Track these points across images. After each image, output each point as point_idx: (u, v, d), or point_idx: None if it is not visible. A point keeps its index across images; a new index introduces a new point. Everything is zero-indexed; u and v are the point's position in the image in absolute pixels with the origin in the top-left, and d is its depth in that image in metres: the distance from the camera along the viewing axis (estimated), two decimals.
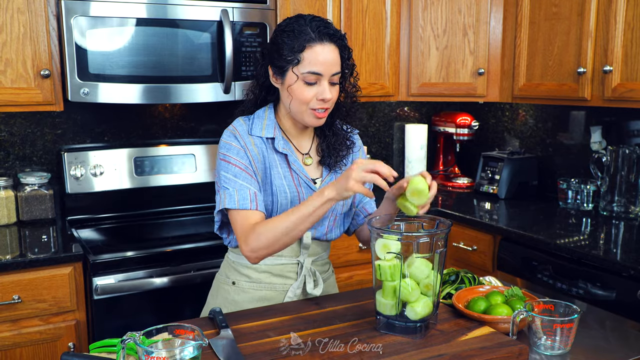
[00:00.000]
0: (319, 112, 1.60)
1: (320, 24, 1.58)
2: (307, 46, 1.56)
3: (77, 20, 2.23)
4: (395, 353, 1.32)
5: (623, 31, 2.33)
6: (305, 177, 1.67)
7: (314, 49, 1.56)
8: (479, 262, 2.61)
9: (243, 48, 2.51)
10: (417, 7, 2.96)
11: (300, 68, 1.56)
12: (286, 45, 1.57)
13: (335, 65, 1.58)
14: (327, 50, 1.57)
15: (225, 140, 1.66)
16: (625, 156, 2.56)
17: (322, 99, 1.58)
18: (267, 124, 1.67)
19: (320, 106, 1.59)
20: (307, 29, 1.56)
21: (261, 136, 1.66)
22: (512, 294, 1.57)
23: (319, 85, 1.58)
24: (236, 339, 1.38)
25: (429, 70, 3.01)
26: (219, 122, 2.98)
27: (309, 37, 1.56)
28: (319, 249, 1.74)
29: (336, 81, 1.61)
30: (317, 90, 1.58)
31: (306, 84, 1.57)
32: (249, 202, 1.58)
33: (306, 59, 1.56)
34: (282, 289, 1.70)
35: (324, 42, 1.56)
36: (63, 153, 2.60)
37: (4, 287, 2.05)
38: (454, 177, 3.41)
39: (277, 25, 1.66)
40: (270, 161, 1.66)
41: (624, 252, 2.15)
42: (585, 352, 1.41)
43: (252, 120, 1.69)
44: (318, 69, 1.56)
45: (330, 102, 1.61)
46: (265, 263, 1.69)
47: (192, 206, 2.84)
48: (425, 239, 1.38)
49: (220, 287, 1.77)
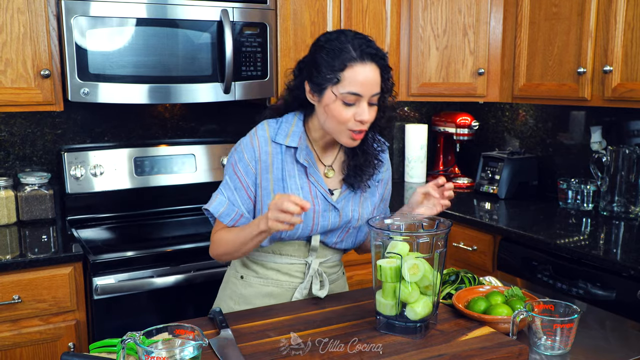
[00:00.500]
0: (356, 134, 1.56)
1: (362, 42, 1.53)
2: (348, 65, 1.50)
3: (77, 20, 2.23)
4: (395, 353, 1.32)
5: (623, 31, 2.33)
6: (322, 189, 1.66)
7: (355, 69, 1.50)
8: (479, 262, 2.61)
9: (243, 48, 2.51)
10: (417, 7, 2.96)
11: (339, 88, 1.51)
12: (326, 63, 1.52)
13: (375, 85, 1.53)
14: (368, 70, 1.51)
15: (243, 147, 1.65)
16: (625, 156, 2.56)
17: (360, 120, 1.53)
18: (293, 131, 1.64)
19: (357, 127, 1.55)
20: (348, 47, 1.51)
21: (284, 144, 1.63)
22: (512, 294, 1.57)
23: (358, 106, 1.53)
24: (236, 339, 1.39)
25: (429, 70, 3.01)
26: (219, 122, 2.98)
27: (350, 55, 1.50)
28: (328, 252, 1.74)
29: (375, 102, 1.56)
30: (355, 111, 1.53)
31: (345, 104, 1.52)
32: (229, 219, 1.64)
33: (346, 78, 1.51)
34: (289, 286, 1.71)
35: (366, 62, 1.51)
36: (63, 153, 2.60)
37: (4, 287, 2.05)
38: (454, 177, 3.41)
39: (317, 39, 1.60)
40: (289, 171, 1.64)
41: (624, 252, 2.15)
42: (585, 352, 1.41)
43: (280, 124, 1.66)
44: (358, 90, 1.51)
45: (368, 123, 1.57)
46: (273, 261, 1.70)
47: (192, 206, 2.84)
48: (425, 239, 1.38)
49: (230, 280, 1.79)
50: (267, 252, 1.71)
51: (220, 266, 2.30)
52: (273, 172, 1.63)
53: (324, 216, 1.65)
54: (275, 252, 1.70)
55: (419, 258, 1.37)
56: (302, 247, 1.69)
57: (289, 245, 1.69)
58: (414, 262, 1.36)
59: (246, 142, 1.66)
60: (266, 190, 1.64)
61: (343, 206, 1.68)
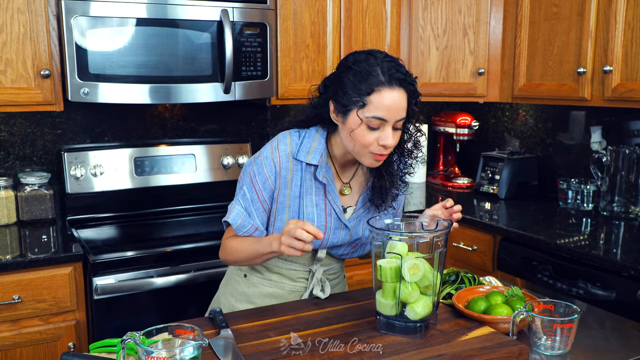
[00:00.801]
0: (378, 156, 1.55)
1: (391, 65, 1.49)
2: (376, 90, 1.47)
3: (77, 20, 2.23)
4: (395, 353, 1.32)
5: (623, 31, 2.33)
6: (337, 207, 1.66)
7: (382, 94, 1.47)
8: (479, 262, 2.61)
9: (243, 48, 2.51)
10: (417, 7, 2.96)
11: (365, 111, 1.48)
12: (353, 85, 1.49)
13: (401, 110, 1.50)
14: (395, 96, 1.48)
15: (263, 160, 1.62)
16: (625, 156, 2.56)
17: (384, 145, 1.51)
18: (315, 148, 1.61)
19: (380, 152, 1.53)
20: (377, 70, 1.48)
21: (305, 162, 1.61)
22: (512, 294, 1.57)
23: (382, 131, 1.50)
24: (236, 339, 1.39)
25: (429, 70, 3.01)
26: (219, 122, 2.98)
27: (378, 80, 1.47)
28: (332, 261, 1.76)
29: (399, 127, 1.53)
30: (379, 135, 1.50)
31: (369, 128, 1.50)
32: (244, 230, 1.64)
33: (373, 102, 1.47)
34: (291, 289, 1.72)
35: (394, 87, 1.48)
36: (63, 153, 2.60)
37: (4, 287, 2.05)
38: (454, 177, 3.41)
39: (344, 58, 1.58)
40: (307, 187, 1.63)
41: (624, 252, 2.15)
42: (585, 352, 1.41)
43: (302, 139, 1.63)
44: (384, 115, 1.48)
45: (391, 148, 1.54)
46: (277, 266, 1.71)
47: (192, 206, 2.84)
48: (425, 239, 1.38)
49: (232, 277, 1.80)
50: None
51: (220, 266, 2.30)
52: (292, 188, 1.62)
53: (335, 233, 1.67)
54: (280, 257, 1.70)
55: (419, 258, 1.37)
56: (308, 256, 1.70)
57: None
58: (414, 262, 1.37)
59: (266, 155, 1.62)
60: (282, 205, 1.63)
61: (355, 225, 1.69)
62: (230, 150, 2.88)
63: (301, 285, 1.72)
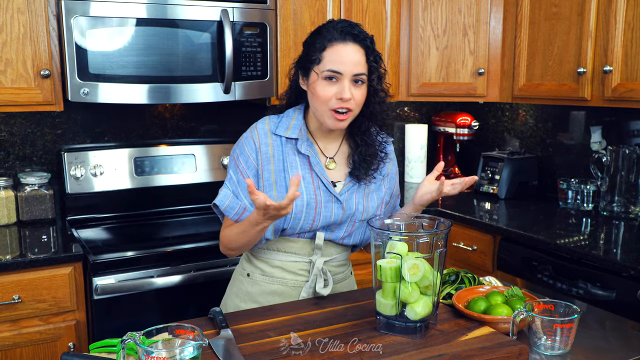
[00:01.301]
0: (339, 114, 1.59)
1: (345, 24, 1.59)
2: (329, 45, 1.57)
3: (77, 20, 2.23)
4: (395, 353, 1.32)
5: (623, 31, 2.33)
6: (325, 180, 1.67)
7: (335, 48, 1.57)
8: (479, 262, 2.61)
9: (243, 48, 2.51)
10: (417, 7, 2.96)
11: (321, 66, 1.58)
12: (311, 46, 1.61)
13: (357, 65, 1.57)
14: (349, 50, 1.57)
15: (243, 142, 1.70)
16: (625, 156, 2.56)
17: (341, 98, 1.57)
18: (294, 124, 1.68)
19: (339, 105, 1.58)
20: (330, 29, 1.59)
21: (285, 136, 1.66)
22: (512, 294, 1.57)
23: (340, 84, 1.57)
24: (236, 339, 1.39)
25: (429, 70, 3.01)
26: (219, 122, 2.98)
27: (331, 36, 1.57)
28: (333, 250, 1.74)
29: (360, 81, 1.59)
30: (337, 89, 1.57)
31: (326, 82, 1.58)
32: (233, 213, 1.67)
33: (326, 57, 1.57)
34: (293, 284, 1.72)
35: (347, 42, 1.57)
36: (63, 153, 2.60)
37: (4, 287, 2.05)
38: (454, 177, 3.41)
39: None
40: (291, 162, 1.66)
41: (624, 252, 2.15)
42: (585, 352, 1.41)
43: (281, 119, 1.71)
44: (337, 68, 1.56)
45: (352, 103, 1.59)
46: (278, 259, 1.71)
47: (192, 206, 2.84)
48: (425, 239, 1.38)
49: (237, 277, 1.81)
50: (272, 249, 1.71)
51: (220, 266, 2.30)
52: (274, 163, 1.65)
53: (326, 207, 1.66)
54: (280, 249, 1.71)
55: (419, 258, 1.37)
56: (307, 245, 1.70)
57: (294, 242, 1.69)
58: (414, 262, 1.37)
59: (246, 136, 1.70)
60: (268, 182, 1.65)
61: (347, 198, 1.69)
62: (230, 151, 2.88)
63: (303, 280, 1.71)
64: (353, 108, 1.60)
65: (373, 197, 1.74)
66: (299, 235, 1.68)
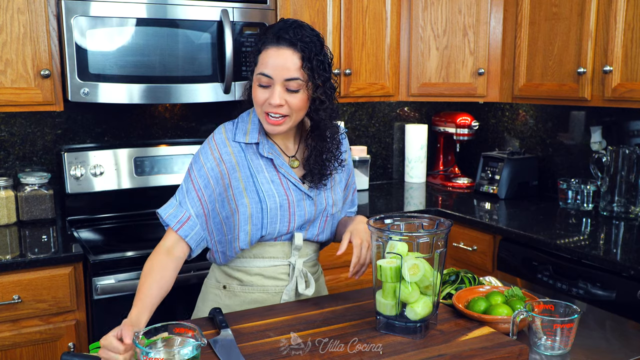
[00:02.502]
0: (271, 118, 1.55)
1: (282, 26, 1.53)
2: (264, 48, 1.54)
3: (77, 20, 2.23)
4: (395, 353, 1.32)
5: (623, 31, 2.33)
6: (293, 179, 1.65)
7: (268, 52, 1.52)
8: (479, 262, 2.61)
9: (243, 48, 2.51)
10: (417, 7, 2.96)
11: (256, 69, 1.55)
12: (253, 49, 1.58)
13: (287, 70, 1.51)
14: (281, 54, 1.51)
15: (199, 152, 1.65)
16: (625, 156, 2.56)
17: (270, 103, 1.53)
18: (251, 128, 1.64)
19: (271, 110, 1.54)
20: (269, 31, 1.54)
21: (245, 142, 1.63)
22: (512, 294, 1.56)
23: (271, 89, 1.53)
24: (236, 339, 1.39)
25: (429, 70, 3.01)
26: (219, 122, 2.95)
27: (266, 38, 1.53)
28: (309, 250, 1.73)
29: (295, 88, 1.52)
30: (268, 94, 1.53)
31: (259, 86, 1.54)
32: (176, 221, 1.60)
33: (260, 60, 1.54)
34: (274, 290, 1.70)
35: (280, 46, 1.51)
36: (63, 153, 2.60)
37: (4, 287, 2.05)
38: (454, 177, 3.41)
39: None
40: (256, 167, 1.63)
41: (624, 252, 2.15)
42: (585, 352, 1.41)
43: (236, 125, 1.67)
44: (267, 72, 1.52)
45: (286, 109, 1.54)
46: (257, 265, 1.68)
47: None
48: (425, 239, 1.38)
49: (210, 291, 1.76)
50: (249, 257, 1.68)
51: None
52: (240, 170, 1.62)
53: (299, 206, 1.64)
54: (257, 255, 1.68)
55: (419, 258, 1.37)
56: (285, 247, 1.68)
57: (272, 246, 1.67)
58: (414, 262, 1.37)
59: (203, 147, 1.65)
60: (238, 190, 1.61)
61: (316, 194, 1.68)
62: None
63: (283, 284, 1.69)
64: (288, 114, 1.55)
65: (337, 189, 1.74)
66: (276, 238, 1.66)
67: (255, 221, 1.61)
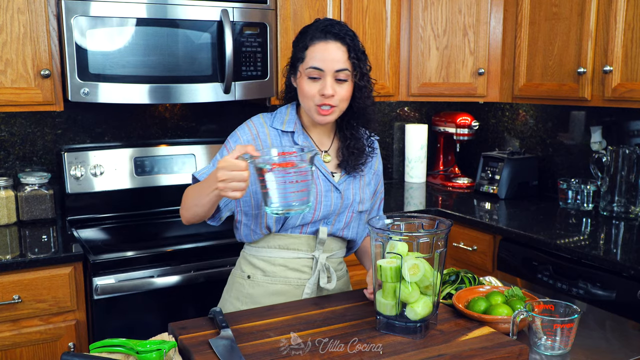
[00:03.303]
0: (323, 109, 1.63)
1: (327, 23, 1.64)
2: (311, 44, 1.63)
3: (77, 20, 2.23)
4: (395, 353, 1.32)
5: (623, 31, 2.33)
6: (324, 170, 1.71)
7: (317, 46, 1.62)
8: (479, 262, 2.61)
9: (243, 48, 2.51)
10: (417, 7, 2.96)
11: (304, 64, 1.63)
12: (296, 46, 1.67)
13: (337, 62, 1.61)
14: (330, 47, 1.61)
15: (236, 130, 1.74)
16: (625, 156, 2.56)
17: (323, 95, 1.61)
18: (288, 119, 1.73)
19: (322, 102, 1.62)
20: (314, 28, 1.64)
21: (281, 129, 1.71)
22: (512, 294, 1.57)
23: (322, 81, 1.62)
24: (236, 339, 1.39)
25: (429, 70, 3.01)
26: (219, 122, 2.98)
27: (313, 34, 1.63)
28: (334, 246, 1.77)
29: (343, 78, 1.63)
30: (320, 86, 1.62)
31: (309, 79, 1.63)
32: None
33: (308, 55, 1.63)
34: (297, 283, 1.74)
35: (328, 40, 1.62)
36: (63, 153, 2.60)
37: (4, 287, 2.05)
38: (454, 177, 3.41)
39: None
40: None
41: (624, 252, 2.15)
42: (586, 352, 1.41)
43: (275, 115, 1.76)
44: (318, 65, 1.61)
45: (336, 99, 1.63)
46: (281, 256, 1.73)
47: None
48: (425, 239, 1.38)
49: (236, 281, 1.81)
50: (275, 247, 1.73)
51: (220, 266, 2.30)
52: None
53: (326, 196, 1.69)
54: (282, 247, 1.72)
55: (419, 258, 1.37)
56: (310, 240, 1.72)
57: (296, 239, 1.71)
58: (414, 262, 1.37)
59: (241, 128, 1.73)
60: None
61: (344, 188, 1.73)
62: None
63: (306, 277, 1.74)
64: (337, 104, 1.64)
65: (367, 190, 1.80)
66: (301, 230, 1.71)
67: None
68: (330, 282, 1.73)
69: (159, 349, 1.29)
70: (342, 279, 1.83)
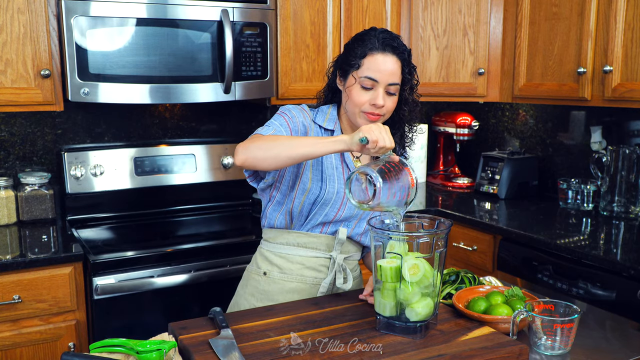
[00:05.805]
0: (371, 116, 1.66)
1: (386, 35, 1.66)
2: (369, 53, 1.64)
3: (77, 20, 2.23)
4: (395, 353, 1.32)
5: (623, 31, 2.33)
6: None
7: (375, 57, 1.64)
8: (479, 262, 2.61)
9: (243, 48, 2.51)
10: (417, 7, 2.96)
11: (359, 72, 1.65)
12: (352, 51, 1.68)
13: (392, 75, 1.64)
14: (387, 60, 1.64)
15: (291, 107, 1.74)
16: (625, 156, 2.56)
17: (374, 104, 1.64)
18: (329, 118, 1.76)
19: (371, 111, 1.66)
20: (372, 38, 1.65)
21: (323, 126, 1.74)
22: (512, 294, 1.57)
23: (374, 92, 1.64)
24: (236, 339, 1.39)
25: (429, 70, 3.01)
26: (219, 122, 2.98)
27: (372, 45, 1.65)
28: (352, 248, 1.79)
29: (393, 92, 1.66)
30: (372, 96, 1.64)
31: (362, 88, 1.65)
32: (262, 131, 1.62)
33: (365, 64, 1.64)
34: (312, 282, 1.76)
35: (386, 52, 1.64)
36: (63, 153, 2.60)
37: (4, 287, 2.05)
38: (454, 177, 3.41)
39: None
40: None
41: (624, 252, 2.15)
42: (586, 352, 1.41)
43: (316, 112, 1.78)
44: (374, 75, 1.63)
45: (384, 110, 1.66)
46: (299, 254, 1.74)
47: (192, 206, 2.84)
48: (425, 239, 1.38)
49: (251, 277, 1.82)
50: (293, 244, 1.74)
51: (220, 266, 2.30)
52: None
53: None
54: (301, 245, 1.74)
55: (419, 258, 1.37)
56: (328, 240, 1.74)
57: (316, 238, 1.73)
58: (414, 262, 1.37)
59: (294, 108, 1.74)
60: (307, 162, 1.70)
61: None
62: (230, 150, 2.89)
63: (322, 277, 1.76)
64: (384, 114, 1.68)
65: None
66: (321, 230, 1.73)
67: (311, 197, 1.70)
68: (346, 282, 1.76)
69: (159, 349, 1.29)
70: (356, 279, 1.86)
